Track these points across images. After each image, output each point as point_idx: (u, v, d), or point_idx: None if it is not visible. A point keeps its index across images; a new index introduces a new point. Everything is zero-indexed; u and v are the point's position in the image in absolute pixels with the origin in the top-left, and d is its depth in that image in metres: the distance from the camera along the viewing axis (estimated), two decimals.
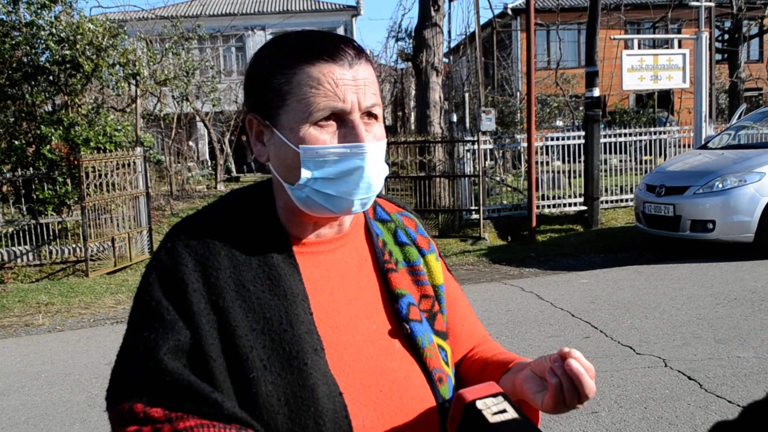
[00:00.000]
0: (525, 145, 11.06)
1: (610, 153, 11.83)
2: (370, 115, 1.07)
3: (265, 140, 1.09)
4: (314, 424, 0.97)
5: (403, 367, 1.09)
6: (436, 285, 1.21)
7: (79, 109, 10.33)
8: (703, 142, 10.32)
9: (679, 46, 11.86)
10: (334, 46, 1.04)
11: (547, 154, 12.17)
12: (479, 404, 0.94)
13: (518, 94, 22.51)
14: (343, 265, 1.13)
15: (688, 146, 12.27)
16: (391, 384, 1.06)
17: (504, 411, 0.93)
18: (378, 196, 1.26)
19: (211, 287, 1.02)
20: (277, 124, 1.05)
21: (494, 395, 0.96)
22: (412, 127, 19.14)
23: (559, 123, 20.91)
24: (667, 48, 12.99)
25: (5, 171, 9.71)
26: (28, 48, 9.84)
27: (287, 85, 1.03)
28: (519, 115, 20.16)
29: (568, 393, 0.98)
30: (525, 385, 1.05)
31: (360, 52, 1.06)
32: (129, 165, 9.99)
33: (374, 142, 1.06)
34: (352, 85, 1.03)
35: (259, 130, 1.09)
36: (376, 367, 1.07)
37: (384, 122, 1.16)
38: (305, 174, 1.03)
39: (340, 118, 1.03)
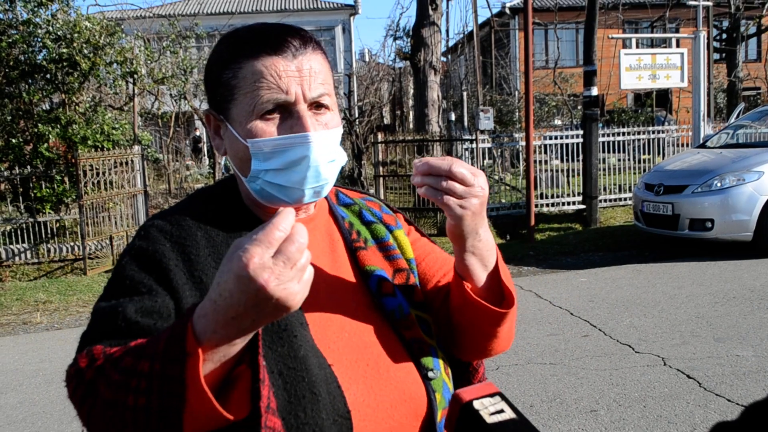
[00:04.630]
0: (523, 144, 11.05)
1: (609, 152, 11.83)
2: (319, 105, 1.08)
3: (222, 134, 1.12)
4: (310, 394, 0.98)
5: (384, 342, 1.11)
6: (408, 259, 1.23)
7: (77, 107, 10.31)
8: (701, 141, 10.32)
9: (677, 46, 11.87)
10: (278, 38, 1.05)
11: (545, 153, 12.17)
12: (476, 404, 0.94)
13: (516, 93, 22.52)
14: (317, 248, 1.15)
15: (687, 145, 12.28)
16: (377, 358, 1.08)
17: (501, 411, 0.93)
18: (340, 186, 1.30)
19: (192, 264, 1.03)
20: (229, 118, 1.08)
21: (491, 395, 0.96)
22: (411, 125, 19.14)
23: (558, 122, 20.92)
24: (665, 47, 13.01)
25: (3, 169, 9.69)
26: (25, 46, 9.81)
27: (234, 79, 1.06)
28: (517, 114, 20.17)
29: (438, 185, 1.03)
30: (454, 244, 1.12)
31: (306, 41, 1.07)
32: (127, 163, 9.97)
33: (322, 131, 1.07)
34: (295, 76, 1.04)
35: (216, 124, 1.12)
36: (359, 342, 1.09)
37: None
38: (255, 166, 1.06)
39: (286, 110, 1.05)
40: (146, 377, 0.84)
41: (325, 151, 1.07)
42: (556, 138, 11.97)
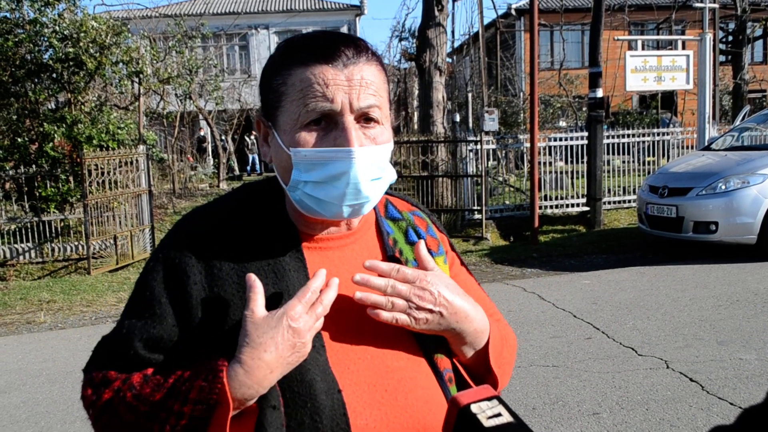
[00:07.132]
0: (528, 145, 11.04)
1: (613, 154, 11.82)
2: (369, 119, 1.03)
3: (269, 141, 1.10)
4: (311, 420, 0.96)
5: (409, 367, 1.07)
6: None
7: (82, 106, 10.34)
8: (706, 144, 10.29)
9: (683, 48, 11.86)
10: (331, 46, 1.02)
11: (549, 154, 12.15)
12: (474, 408, 0.93)
13: (521, 94, 22.50)
14: (352, 262, 1.12)
15: (692, 147, 12.25)
16: (397, 384, 1.05)
17: (499, 415, 0.92)
18: (390, 194, 1.25)
19: (214, 278, 1.03)
20: (276, 126, 1.06)
21: (489, 398, 0.95)
22: (415, 126, 19.14)
23: (562, 123, 20.91)
24: (671, 49, 12.97)
25: (8, 168, 9.71)
26: (31, 45, 9.84)
27: (283, 86, 1.03)
28: (522, 115, 20.16)
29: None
30: None
31: (360, 51, 1.03)
32: (131, 163, 9.99)
33: (367, 146, 1.02)
34: (344, 85, 1.00)
35: (265, 131, 1.10)
36: (381, 365, 1.05)
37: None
38: (296, 176, 1.03)
39: (333, 120, 1.01)
40: (176, 415, 0.94)
41: (369, 167, 1.02)
42: (560, 140, 11.96)
